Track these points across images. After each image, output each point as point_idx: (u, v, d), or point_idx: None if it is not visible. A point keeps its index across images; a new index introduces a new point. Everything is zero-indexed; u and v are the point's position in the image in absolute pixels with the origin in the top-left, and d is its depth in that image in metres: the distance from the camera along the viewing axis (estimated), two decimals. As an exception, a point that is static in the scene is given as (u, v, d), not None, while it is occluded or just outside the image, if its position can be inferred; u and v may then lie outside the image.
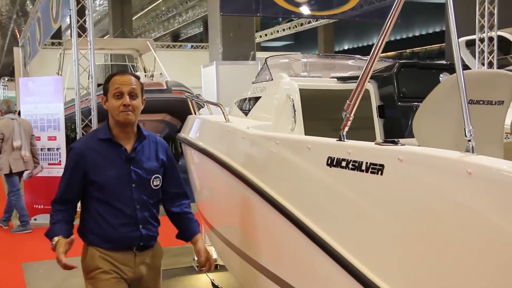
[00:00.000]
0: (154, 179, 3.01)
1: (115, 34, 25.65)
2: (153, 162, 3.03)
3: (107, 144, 2.93)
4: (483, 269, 1.85)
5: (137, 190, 2.94)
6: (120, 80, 2.91)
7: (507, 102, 2.91)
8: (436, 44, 26.35)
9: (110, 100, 2.90)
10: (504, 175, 1.82)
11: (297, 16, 15.61)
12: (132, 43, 15.47)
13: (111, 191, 2.89)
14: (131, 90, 2.90)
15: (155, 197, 3.06)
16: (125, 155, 2.94)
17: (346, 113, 2.61)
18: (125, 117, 2.87)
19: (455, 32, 2.29)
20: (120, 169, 2.92)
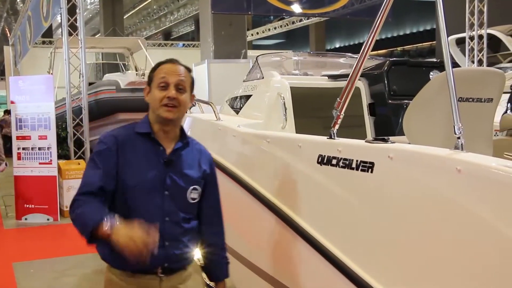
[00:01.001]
0: (192, 191, 2.45)
1: (106, 33, 25.56)
2: (194, 171, 2.49)
3: (144, 140, 2.43)
4: (473, 264, 1.86)
5: (170, 199, 2.40)
6: (168, 68, 2.44)
7: (496, 99, 2.93)
8: (427, 42, 26.44)
9: (153, 91, 2.41)
10: (493, 172, 1.83)
11: (288, 14, 15.63)
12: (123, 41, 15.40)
13: (138, 196, 2.36)
14: (179, 81, 2.40)
15: (191, 213, 2.49)
16: (163, 156, 2.41)
17: (336, 111, 2.62)
18: (166, 113, 2.37)
19: (444, 30, 2.30)
20: (154, 171, 2.39)
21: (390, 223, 2.24)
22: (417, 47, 28.96)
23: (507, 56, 11.55)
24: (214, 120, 4.20)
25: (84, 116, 8.87)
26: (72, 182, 8.23)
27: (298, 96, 4.17)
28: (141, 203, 2.36)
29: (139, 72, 10.14)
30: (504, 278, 1.75)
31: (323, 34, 30.22)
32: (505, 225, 1.75)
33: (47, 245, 6.91)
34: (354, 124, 4.09)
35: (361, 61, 2.59)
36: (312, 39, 29.80)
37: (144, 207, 2.36)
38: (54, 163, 8.11)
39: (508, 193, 1.77)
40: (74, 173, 8.28)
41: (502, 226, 1.76)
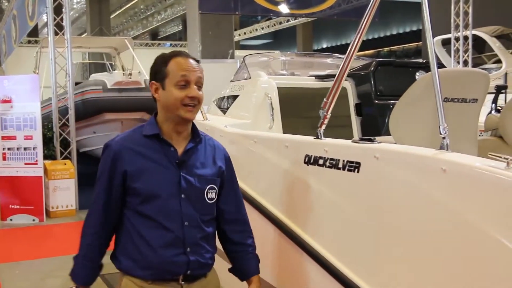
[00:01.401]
0: (209, 191, 2.32)
1: (93, 32, 25.43)
2: (209, 169, 2.34)
3: (152, 143, 2.27)
4: (458, 263, 1.88)
5: (187, 202, 2.25)
6: (187, 65, 2.24)
7: (481, 100, 2.96)
8: (413, 43, 26.60)
9: (171, 89, 2.22)
10: (477, 171, 1.85)
11: (275, 14, 15.65)
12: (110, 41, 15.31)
13: (154, 202, 2.22)
14: (198, 78, 2.25)
15: (209, 214, 2.36)
16: (175, 158, 2.26)
17: (323, 111, 2.63)
18: (188, 113, 2.22)
19: (430, 31, 2.32)
20: (167, 174, 2.25)
21: (377, 222, 2.26)
22: (404, 48, 29.13)
23: (491, 57, 11.67)
24: (201, 120, 4.20)
25: (70, 116, 8.81)
26: (58, 183, 8.18)
27: (285, 96, 4.18)
28: (157, 210, 2.22)
29: (126, 72, 10.07)
30: (489, 276, 1.77)
31: (311, 34, 30.30)
32: (489, 224, 1.77)
33: (33, 246, 6.85)
34: (341, 124, 4.11)
35: (348, 62, 2.60)
36: (300, 39, 29.86)
37: (161, 214, 2.22)
38: (40, 163, 8.05)
39: (492, 192, 1.78)
40: (60, 173, 8.23)
41: (487, 225, 1.78)
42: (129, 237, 2.27)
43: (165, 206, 2.22)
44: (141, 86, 9.79)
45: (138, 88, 9.77)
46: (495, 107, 4.45)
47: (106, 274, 4.63)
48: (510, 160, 1.74)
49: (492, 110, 4.37)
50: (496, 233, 1.74)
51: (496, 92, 4.66)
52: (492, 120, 3.55)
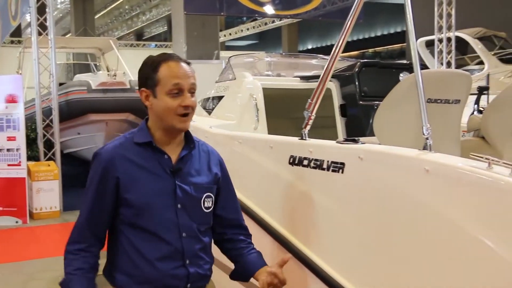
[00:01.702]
0: (205, 199, 2.21)
1: (77, 33, 25.27)
2: (205, 177, 2.24)
3: (145, 150, 2.15)
4: (441, 261, 1.90)
5: (184, 212, 2.15)
6: (179, 71, 2.11)
7: (463, 101, 2.99)
8: (397, 44, 26.78)
9: (162, 98, 2.09)
10: (460, 172, 1.86)
11: (261, 15, 15.68)
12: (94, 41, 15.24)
13: (149, 214, 2.11)
14: (192, 85, 2.13)
15: (206, 224, 2.26)
16: (169, 166, 2.15)
17: (308, 112, 2.64)
18: (183, 124, 2.12)
19: (413, 33, 2.34)
20: (161, 183, 2.14)
21: (360, 223, 2.27)
22: (388, 49, 29.32)
23: (474, 58, 11.79)
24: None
25: (54, 117, 8.75)
26: (41, 184, 8.12)
27: (270, 97, 4.19)
28: (152, 222, 2.10)
29: (111, 73, 10.02)
30: (471, 275, 1.79)
31: (296, 35, 30.37)
32: (471, 224, 1.79)
33: (16, 248, 6.79)
34: (326, 125, 4.13)
35: (332, 63, 2.61)
36: (285, 40, 29.92)
37: (158, 226, 2.11)
38: (23, 164, 7.98)
39: (473, 192, 1.80)
40: (44, 174, 8.17)
41: (469, 224, 1.79)
42: (123, 251, 2.14)
43: (161, 217, 2.11)
44: (126, 86, 9.76)
45: (123, 88, 9.73)
46: (478, 108, 4.49)
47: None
48: (491, 161, 1.76)
49: (475, 111, 4.42)
50: (478, 232, 1.76)
51: (478, 93, 4.71)
52: (475, 121, 3.59)
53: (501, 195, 1.71)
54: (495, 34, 11.71)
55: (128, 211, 2.11)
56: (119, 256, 2.15)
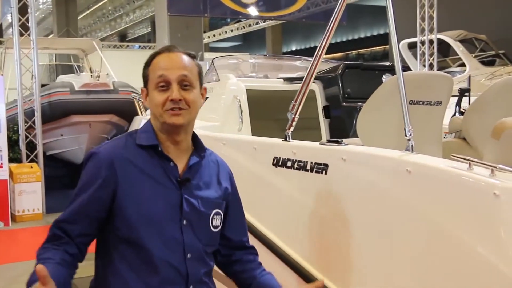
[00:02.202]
0: (214, 216, 1.92)
1: (59, 34, 25.07)
2: (214, 191, 1.95)
3: (149, 155, 1.86)
4: (422, 260, 1.92)
5: (189, 230, 1.85)
6: (166, 61, 1.87)
7: (445, 102, 3.02)
8: (380, 46, 26.96)
9: (151, 93, 1.87)
10: (441, 173, 1.89)
11: (245, 17, 15.68)
12: (77, 42, 15.14)
13: (149, 229, 1.79)
14: (182, 77, 1.84)
15: (213, 245, 1.97)
16: (175, 175, 1.86)
17: (291, 114, 2.65)
18: (173, 118, 1.82)
19: (395, 35, 2.37)
20: (167, 195, 1.84)
21: (344, 223, 2.29)
22: (371, 51, 29.51)
23: (456, 60, 11.93)
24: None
25: (36, 118, 8.67)
26: (24, 186, 8.04)
27: (254, 98, 4.20)
28: (155, 239, 1.79)
29: (94, 74, 9.97)
30: (451, 273, 1.81)
31: (280, 37, 30.43)
32: (452, 224, 1.81)
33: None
34: (309, 127, 4.15)
35: (315, 64, 2.63)
36: (269, 42, 29.96)
37: (160, 244, 1.79)
38: (5, 166, 7.89)
39: (454, 192, 1.83)
40: (26, 176, 8.09)
41: (450, 224, 1.82)
42: (115, 272, 1.82)
43: (163, 234, 1.81)
44: (109, 88, 9.71)
45: (106, 90, 9.69)
46: (459, 109, 4.55)
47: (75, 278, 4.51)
48: (471, 162, 1.79)
49: (456, 112, 4.47)
50: (459, 231, 1.78)
51: (460, 95, 4.77)
52: (456, 122, 3.63)
53: (481, 195, 1.73)
54: (475, 36, 11.87)
55: (124, 224, 1.79)
56: (111, 277, 1.83)
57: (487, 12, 12.93)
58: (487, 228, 1.71)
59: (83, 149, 9.98)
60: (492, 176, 1.72)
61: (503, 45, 11.80)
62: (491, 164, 1.74)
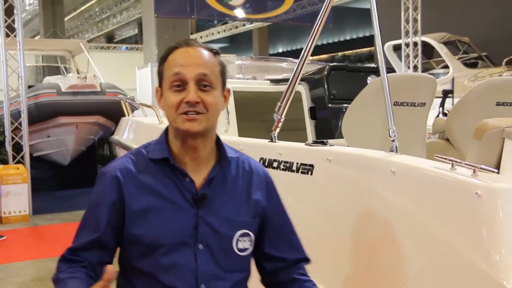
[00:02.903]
0: (240, 238, 1.65)
1: (46, 35, 24.90)
2: (241, 208, 1.68)
3: (162, 170, 1.64)
4: (406, 259, 1.95)
5: (206, 256, 1.61)
6: (183, 57, 1.61)
7: (428, 103, 3.06)
8: (366, 48, 27.12)
9: (166, 94, 1.62)
10: (424, 173, 1.92)
11: (231, 19, 15.71)
12: (64, 44, 15.05)
13: (157, 255, 1.58)
14: (201, 75, 1.59)
15: (240, 271, 1.68)
16: (191, 192, 1.63)
17: (277, 115, 2.68)
18: (187, 123, 1.58)
19: (379, 37, 2.40)
20: (179, 215, 1.61)
21: (329, 224, 2.31)
22: (357, 53, 29.66)
23: (440, 62, 12.05)
24: (157, 123, 4.20)
25: (23, 119, 8.62)
26: (10, 188, 7.99)
27: (240, 99, 4.22)
28: (162, 268, 1.58)
29: (81, 75, 9.92)
30: (434, 273, 1.84)
31: (266, 39, 30.45)
32: (436, 223, 1.84)
33: (-16, 253, 6.68)
34: (296, 128, 4.17)
35: (301, 66, 2.66)
36: (256, 43, 29.96)
37: (167, 273, 1.58)
38: (-9, 169, 7.86)
39: (437, 192, 1.86)
40: (13, 178, 8.04)
41: (433, 224, 1.84)
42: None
43: (173, 261, 1.58)
44: (96, 89, 9.68)
45: (94, 91, 9.65)
46: (442, 110, 4.61)
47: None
48: (454, 162, 1.82)
49: (440, 113, 4.53)
50: (442, 231, 1.81)
51: (443, 96, 4.84)
52: (440, 123, 3.68)
53: (463, 195, 1.76)
54: (459, 39, 12.01)
55: (134, 250, 1.61)
56: None
57: (470, 15, 13.08)
58: (469, 228, 1.73)
59: (70, 150, 9.94)
60: (474, 176, 1.74)
61: (485, 47, 11.95)
62: (473, 165, 1.76)
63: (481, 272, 1.65)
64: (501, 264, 1.61)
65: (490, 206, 1.68)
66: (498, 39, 11.94)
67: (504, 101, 3.16)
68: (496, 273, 1.60)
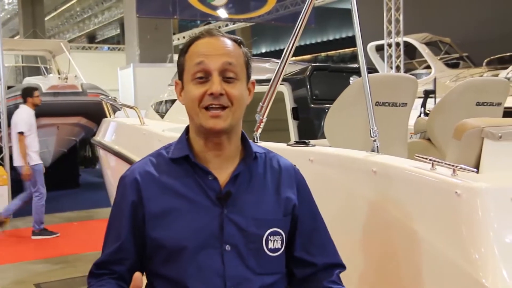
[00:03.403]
0: (270, 237, 1.55)
1: (26, 35, 24.66)
2: (270, 205, 1.58)
3: (183, 170, 1.56)
4: (387, 258, 1.96)
5: (235, 257, 1.51)
6: (207, 46, 1.53)
7: (410, 104, 3.08)
8: (349, 48, 27.25)
9: (188, 87, 1.54)
10: (405, 173, 1.94)
11: (214, 19, 15.69)
12: (44, 44, 14.91)
13: (184, 259, 1.50)
14: (225, 65, 1.51)
15: (274, 272, 1.57)
16: (215, 190, 1.54)
17: (259, 115, 2.68)
18: (211, 121, 1.50)
19: (359, 37, 2.41)
20: (203, 216, 1.52)
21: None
22: (340, 53, 29.79)
23: (422, 63, 12.17)
24: (138, 124, 4.17)
25: (2, 121, 8.54)
26: (-10, 189, 7.91)
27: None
28: (188, 273, 1.49)
29: (62, 76, 9.85)
30: (415, 270, 1.86)
31: (249, 39, 30.49)
32: (416, 222, 1.86)
33: (-37, 256, 6.59)
34: (278, 128, 4.17)
35: (283, 66, 2.66)
36: (239, 44, 29.98)
37: (194, 279, 1.49)
38: (-30, 171, 7.76)
39: (418, 192, 1.88)
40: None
41: (414, 222, 1.86)
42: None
43: (199, 264, 1.49)
44: (77, 90, 9.62)
45: (75, 92, 9.59)
46: (424, 110, 4.65)
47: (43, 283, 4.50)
48: (434, 162, 1.84)
49: (421, 113, 4.57)
50: (422, 230, 1.82)
51: (425, 96, 4.88)
52: (421, 123, 3.70)
53: (443, 194, 1.78)
54: (440, 39, 12.14)
55: (157, 256, 1.53)
56: None
57: (451, 16, 13.23)
58: (449, 227, 1.75)
59: (51, 152, 9.86)
60: (454, 176, 1.76)
61: (466, 48, 12.10)
62: (453, 164, 1.78)
63: (460, 271, 1.67)
64: (480, 263, 1.63)
65: (469, 205, 1.70)
66: (479, 40, 12.09)
67: (484, 101, 3.19)
68: (475, 271, 1.62)
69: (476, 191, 1.69)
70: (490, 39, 11.95)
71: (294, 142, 2.50)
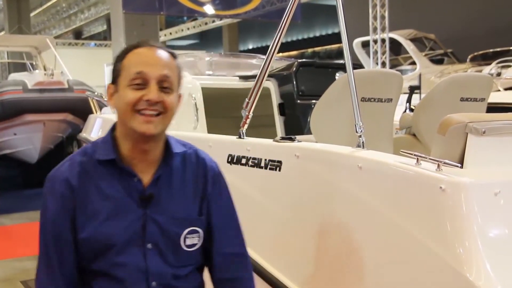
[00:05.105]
0: (187, 236, 1.66)
1: (11, 31, 24.43)
2: (188, 204, 1.69)
3: (109, 171, 1.63)
4: (374, 254, 1.97)
5: (155, 254, 1.63)
6: (146, 57, 1.61)
7: (395, 99, 3.09)
8: (335, 44, 27.30)
9: (122, 91, 1.60)
10: (390, 168, 1.95)
11: (201, 15, 15.67)
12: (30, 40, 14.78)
13: (110, 257, 1.60)
14: (163, 77, 1.60)
15: (189, 265, 1.70)
16: (139, 192, 1.63)
17: (245, 111, 2.68)
18: (144, 125, 1.57)
19: (345, 33, 2.42)
20: (127, 216, 1.61)
21: (298, 219, 2.32)
22: (326, 49, 29.83)
23: (407, 59, 12.23)
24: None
25: (-14, 117, 8.47)
26: (-26, 188, 7.85)
27: (209, 96, 4.20)
28: (115, 270, 1.60)
29: (48, 72, 9.77)
30: (401, 266, 1.87)
31: (236, 35, 30.44)
32: (402, 217, 1.86)
33: None
34: (265, 124, 4.18)
35: (268, 62, 2.66)
36: (226, 40, 29.92)
37: (121, 275, 1.60)
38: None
39: (403, 187, 1.89)
40: (-23, 177, 7.90)
41: (399, 218, 1.87)
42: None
43: (124, 262, 1.60)
44: (63, 86, 9.55)
45: (61, 88, 9.52)
46: (409, 106, 4.68)
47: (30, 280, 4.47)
48: (419, 157, 1.85)
49: (407, 109, 4.59)
50: (408, 225, 1.83)
51: (410, 92, 4.91)
52: (406, 119, 3.71)
53: (427, 189, 1.79)
54: (425, 36, 12.21)
55: (85, 256, 1.62)
56: None
57: (436, 12, 13.31)
58: (433, 221, 1.76)
59: (38, 148, 9.79)
60: (438, 171, 1.77)
61: (451, 44, 12.19)
62: (438, 159, 1.79)
63: (445, 265, 1.68)
64: (464, 257, 1.64)
65: (453, 200, 1.71)
66: (463, 37, 12.19)
67: (468, 96, 3.22)
68: (459, 265, 1.63)
69: (460, 186, 1.71)
70: (474, 36, 12.05)
71: (280, 137, 2.50)
